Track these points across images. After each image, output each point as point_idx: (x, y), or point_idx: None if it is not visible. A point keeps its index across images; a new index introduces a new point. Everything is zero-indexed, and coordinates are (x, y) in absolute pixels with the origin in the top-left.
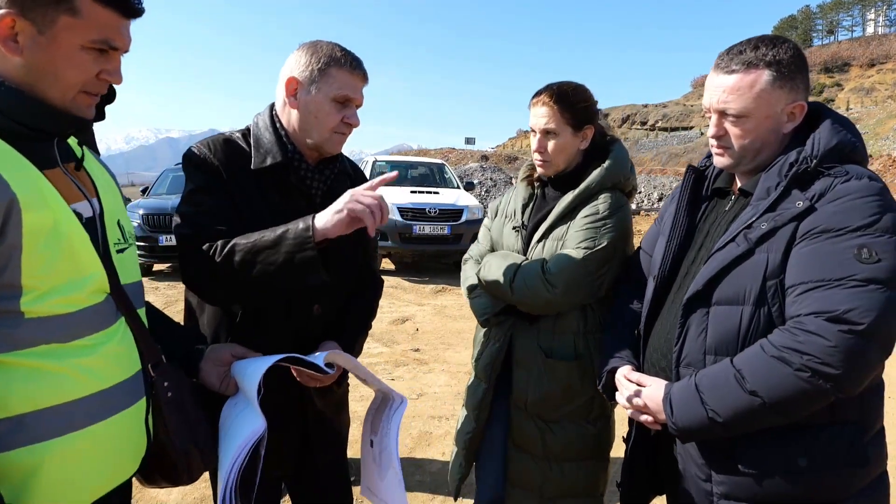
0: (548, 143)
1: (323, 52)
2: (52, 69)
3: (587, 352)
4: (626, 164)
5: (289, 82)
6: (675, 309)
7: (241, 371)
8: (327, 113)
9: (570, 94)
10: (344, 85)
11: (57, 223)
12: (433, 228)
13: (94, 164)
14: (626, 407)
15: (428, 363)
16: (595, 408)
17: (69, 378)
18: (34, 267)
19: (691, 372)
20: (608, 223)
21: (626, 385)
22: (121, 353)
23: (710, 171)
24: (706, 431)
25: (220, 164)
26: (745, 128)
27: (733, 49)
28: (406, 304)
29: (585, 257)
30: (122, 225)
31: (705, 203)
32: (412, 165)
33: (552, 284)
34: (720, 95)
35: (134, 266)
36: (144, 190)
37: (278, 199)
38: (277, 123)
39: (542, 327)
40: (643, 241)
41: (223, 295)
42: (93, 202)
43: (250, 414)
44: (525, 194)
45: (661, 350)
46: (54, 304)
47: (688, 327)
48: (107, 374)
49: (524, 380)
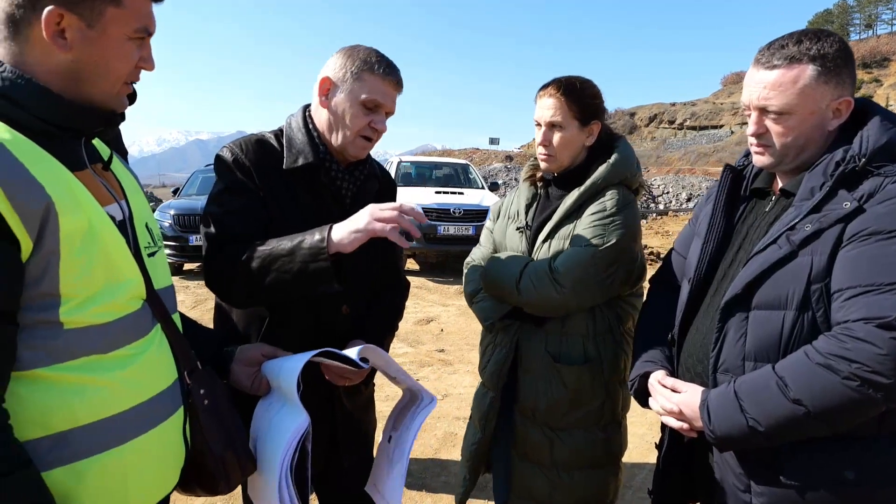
0: (553, 137)
1: (359, 56)
2: (102, 62)
3: (597, 355)
4: (633, 160)
5: (322, 82)
6: (711, 313)
7: (274, 369)
8: (354, 115)
9: (577, 87)
10: (374, 90)
11: (92, 227)
12: (458, 229)
13: (119, 166)
14: (660, 413)
15: (452, 364)
16: (605, 413)
17: (110, 391)
18: (72, 274)
19: (729, 378)
20: (616, 220)
21: (661, 391)
22: (159, 361)
23: (749, 171)
24: (746, 440)
25: (251, 164)
26: (788, 125)
27: (774, 44)
28: (431, 305)
29: (594, 255)
30: (150, 227)
31: (743, 204)
32: (437, 166)
33: (561, 284)
34: (761, 92)
35: (165, 270)
36: (175, 191)
37: (309, 199)
38: (310, 124)
39: (550, 330)
40: (676, 243)
41: (240, 298)
42: (122, 204)
43: (292, 410)
44: (528, 194)
45: (696, 355)
46: (94, 313)
47: (726, 332)
48: (147, 385)
49: (531, 386)
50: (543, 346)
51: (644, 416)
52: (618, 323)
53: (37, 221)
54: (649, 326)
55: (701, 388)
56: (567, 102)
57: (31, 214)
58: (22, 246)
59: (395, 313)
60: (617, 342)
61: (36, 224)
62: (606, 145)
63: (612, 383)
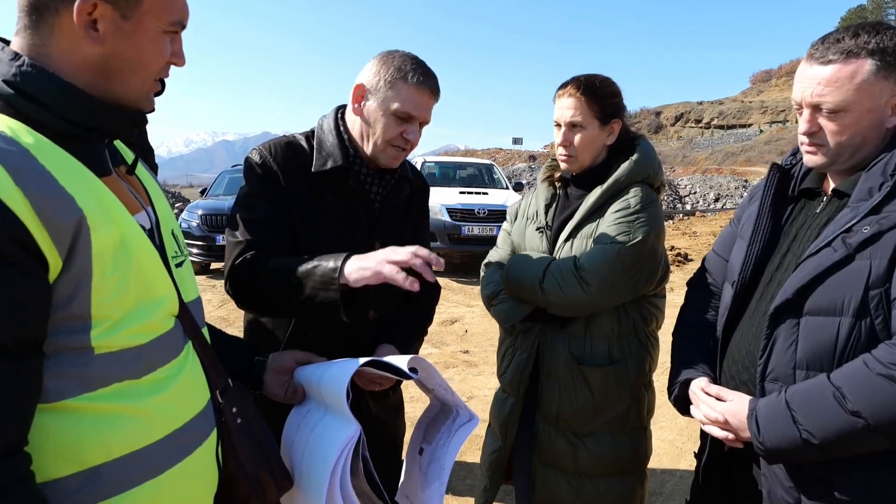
0: (574, 137)
1: (393, 64)
2: (136, 57)
3: (622, 357)
4: (655, 157)
5: (357, 88)
6: (758, 318)
7: (313, 377)
8: (385, 125)
9: (597, 86)
10: (407, 101)
11: (124, 239)
12: (482, 229)
13: (140, 167)
14: (704, 423)
15: (477, 365)
16: (631, 418)
17: (145, 420)
18: (105, 293)
19: (779, 387)
20: (641, 217)
21: (704, 399)
22: (192, 383)
23: (797, 170)
24: (798, 453)
25: (278, 168)
26: (843, 123)
27: (829, 37)
28: (455, 306)
29: (620, 252)
30: (176, 235)
31: (791, 204)
32: (461, 166)
33: (587, 282)
34: (814, 88)
35: (193, 280)
36: (203, 191)
37: (336, 202)
38: (342, 127)
39: (573, 332)
40: (716, 245)
41: (254, 307)
42: (148, 211)
43: (338, 420)
44: (547, 195)
45: (742, 362)
46: (127, 335)
47: (775, 339)
48: (181, 411)
49: (555, 391)
50: (567, 349)
51: (674, 420)
52: (643, 323)
53: (67, 238)
54: (688, 330)
55: (748, 397)
56: (587, 102)
57: (62, 230)
58: (50, 265)
59: (425, 318)
60: (642, 343)
61: (66, 241)
62: (627, 144)
63: (638, 386)
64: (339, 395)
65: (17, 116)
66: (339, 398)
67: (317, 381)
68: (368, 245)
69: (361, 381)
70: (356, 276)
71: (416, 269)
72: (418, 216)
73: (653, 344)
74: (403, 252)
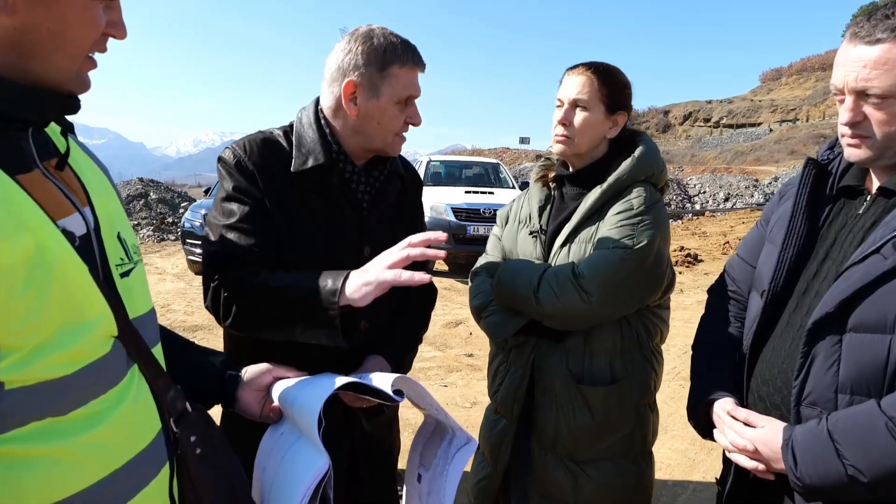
0: (575, 117)
1: (379, 50)
2: (58, 30)
3: (625, 374)
4: (658, 155)
5: (347, 87)
6: (792, 333)
7: (289, 397)
8: (392, 117)
9: (611, 72)
10: (407, 84)
11: (41, 250)
12: (487, 229)
13: (82, 158)
14: (729, 450)
15: (482, 369)
16: (636, 443)
17: (72, 463)
18: (14, 318)
19: (818, 413)
20: (646, 219)
21: (731, 423)
22: (136, 413)
23: (836, 166)
24: (842, 492)
25: (254, 167)
26: (893, 111)
27: (877, 14)
28: (459, 307)
29: (624, 258)
30: (124, 238)
31: (829, 204)
32: (466, 165)
33: (587, 290)
34: (859, 71)
35: (143, 291)
36: (207, 190)
37: (321, 204)
38: (322, 121)
39: (571, 347)
40: (741, 249)
41: (239, 327)
42: (85, 213)
43: (309, 449)
44: (541, 196)
45: (773, 382)
46: (47, 366)
47: (813, 357)
48: (122, 447)
49: (551, 412)
50: (564, 365)
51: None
52: (647, 337)
53: None
54: (710, 344)
55: (782, 423)
56: (598, 83)
57: None
58: None
59: (419, 326)
60: (646, 359)
61: None
62: (628, 142)
63: (642, 407)
64: (310, 422)
65: None
66: (310, 426)
67: (291, 402)
68: (358, 248)
69: (347, 398)
70: (360, 295)
71: (419, 259)
72: (411, 214)
73: (658, 360)
74: (398, 251)
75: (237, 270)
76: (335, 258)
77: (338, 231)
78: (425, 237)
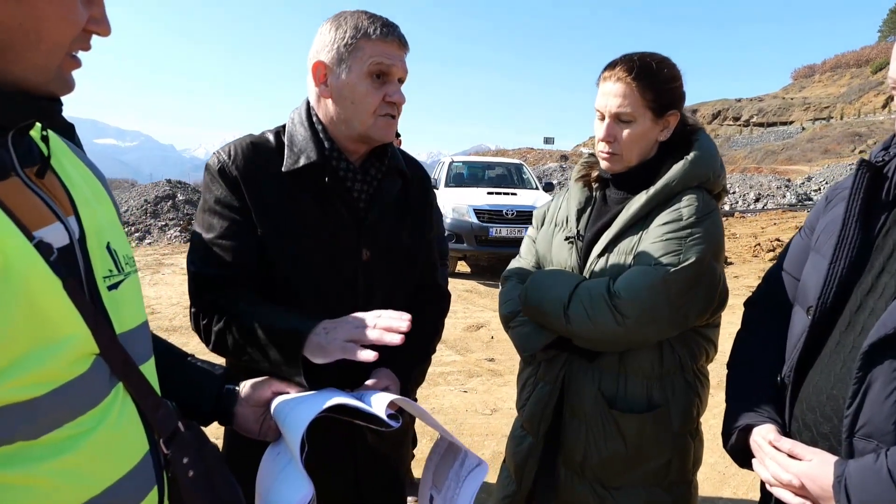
0: (620, 132)
1: (348, 25)
2: (33, 25)
3: (664, 401)
4: (716, 157)
5: (315, 68)
6: (843, 355)
7: (282, 415)
8: (364, 94)
9: (654, 70)
10: (376, 54)
11: (7, 267)
12: (510, 231)
13: (70, 163)
14: (772, 483)
15: (503, 375)
16: (672, 471)
17: (44, 490)
18: None
19: (874, 446)
20: (695, 232)
21: (772, 454)
22: (119, 435)
23: (892, 169)
24: None
25: (238, 173)
26: None
27: None
28: (481, 310)
29: (667, 277)
30: (114, 249)
31: (885, 212)
32: (489, 166)
33: (622, 313)
34: None
35: (134, 304)
36: None
37: (314, 206)
38: (314, 118)
39: (605, 368)
40: (785, 260)
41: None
42: (68, 222)
43: (293, 475)
44: (581, 197)
45: (820, 409)
46: (15, 388)
47: (869, 383)
48: (101, 472)
49: (580, 434)
50: (596, 387)
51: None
52: (690, 360)
53: None
54: (748, 363)
55: (832, 457)
56: (640, 89)
57: None
58: None
59: (431, 335)
60: (689, 384)
61: None
62: (683, 139)
63: (683, 435)
64: (293, 446)
65: None
66: (293, 449)
67: (282, 420)
68: (356, 252)
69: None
70: (317, 358)
71: (376, 343)
72: (418, 214)
73: (702, 383)
74: (361, 329)
75: (215, 296)
76: (332, 263)
77: (332, 234)
78: (389, 323)
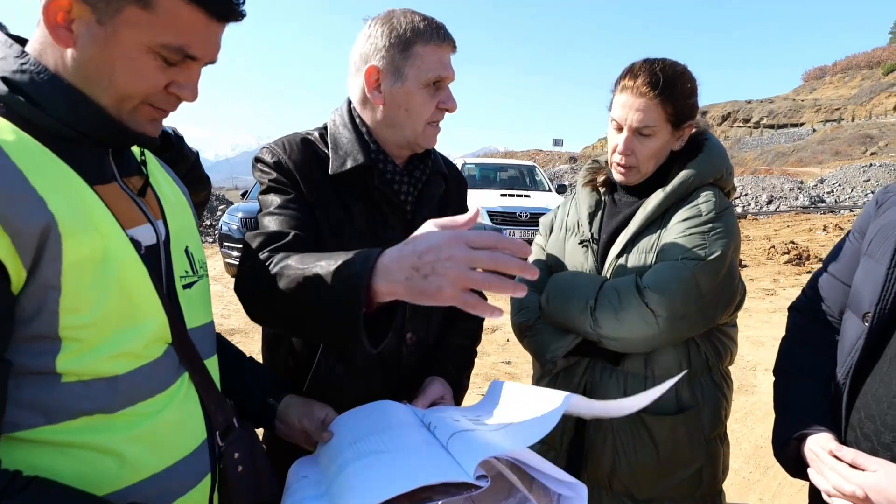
0: (639, 146)
1: (401, 29)
2: (106, 70)
3: (694, 402)
4: (726, 155)
5: (369, 73)
6: None
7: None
8: (420, 103)
9: (675, 83)
10: (434, 64)
11: (107, 253)
12: (524, 233)
13: (163, 178)
14: (832, 495)
15: (520, 378)
16: (704, 481)
17: (116, 460)
18: (76, 313)
19: None
20: (717, 227)
21: (833, 465)
22: (182, 420)
23: None
24: None
25: (295, 168)
26: None
27: None
28: None
29: (695, 270)
30: (192, 253)
31: None
32: (502, 168)
33: (653, 309)
34: None
35: (204, 304)
36: (244, 194)
37: (362, 207)
38: (357, 119)
39: (631, 371)
40: (832, 265)
41: (259, 316)
42: (157, 225)
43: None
44: (590, 201)
45: (881, 418)
46: (102, 363)
47: None
48: (163, 452)
49: (607, 445)
50: (622, 392)
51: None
52: (716, 359)
53: (32, 245)
54: (797, 371)
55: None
56: (662, 104)
57: (25, 235)
58: (11, 274)
59: (475, 336)
60: (716, 384)
61: (31, 248)
62: (689, 142)
63: (713, 440)
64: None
65: (9, 115)
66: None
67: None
68: None
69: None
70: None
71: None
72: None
73: (728, 384)
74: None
75: (267, 252)
76: None
77: (379, 235)
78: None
